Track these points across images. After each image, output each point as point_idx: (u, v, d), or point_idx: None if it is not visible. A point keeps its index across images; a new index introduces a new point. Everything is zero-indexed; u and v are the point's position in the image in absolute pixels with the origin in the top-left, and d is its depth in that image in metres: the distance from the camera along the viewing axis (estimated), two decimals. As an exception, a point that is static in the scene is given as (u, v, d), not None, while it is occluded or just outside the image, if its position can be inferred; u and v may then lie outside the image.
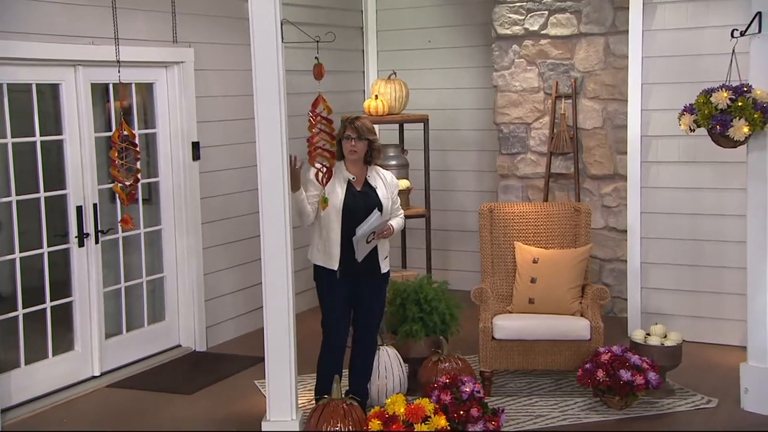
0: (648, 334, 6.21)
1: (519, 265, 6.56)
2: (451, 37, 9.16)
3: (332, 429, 5.01)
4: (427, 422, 5.07)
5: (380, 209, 5.53)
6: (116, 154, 5.25)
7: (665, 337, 6.17)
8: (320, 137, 5.10)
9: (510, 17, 8.32)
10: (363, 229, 5.39)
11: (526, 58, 8.33)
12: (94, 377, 6.65)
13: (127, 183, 5.28)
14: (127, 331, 7.00)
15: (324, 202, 5.33)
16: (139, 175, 5.38)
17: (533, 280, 6.42)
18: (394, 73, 7.87)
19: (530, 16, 8.25)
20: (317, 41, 4.98)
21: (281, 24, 4.86)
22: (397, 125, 8.15)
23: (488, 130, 8.90)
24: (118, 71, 5.31)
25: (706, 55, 7.05)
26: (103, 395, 6.43)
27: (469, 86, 9.11)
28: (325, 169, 5.17)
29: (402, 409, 5.08)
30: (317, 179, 5.24)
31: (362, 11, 9.43)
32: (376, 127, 9.12)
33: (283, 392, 5.08)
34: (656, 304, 7.43)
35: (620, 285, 7.93)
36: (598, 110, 8.03)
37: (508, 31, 8.35)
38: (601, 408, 5.90)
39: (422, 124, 7.69)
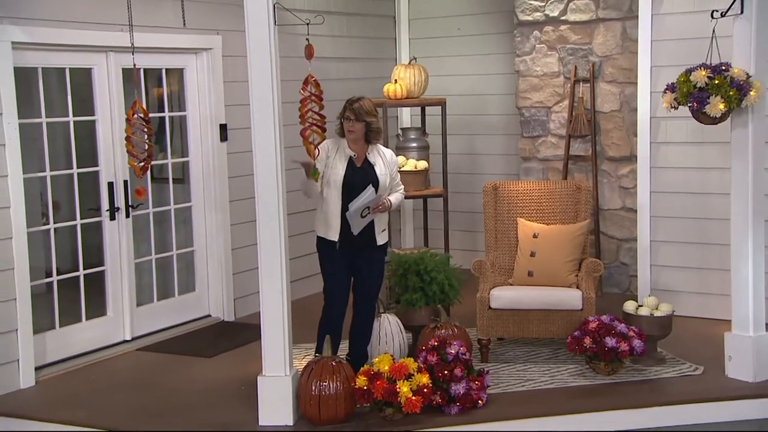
0: (640, 306, 6.45)
1: (520, 239, 6.86)
2: (480, 24, 9.47)
3: (321, 384, 5.40)
4: (410, 379, 5.43)
5: (376, 185, 5.90)
6: (131, 132, 5.73)
7: (657, 308, 6.40)
8: (310, 100, 5.47)
9: (531, 4, 8.59)
10: (356, 204, 5.77)
11: (546, 43, 8.59)
12: (125, 341, 7.17)
13: (141, 158, 5.75)
14: (159, 300, 7.52)
15: (314, 174, 5.72)
16: (152, 151, 5.83)
17: (533, 254, 6.72)
18: (415, 59, 8.23)
19: (550, 3, 8.50)
20: (308, 24, 5.38)
21: (274, 7, 5.25)
22: (420, 110, 8.51)
23: (514, 115, 9.17)
24: (132, 54, 5.82)
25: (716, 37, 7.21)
26: (132, 357, 6.96)
27: (497, 72, 9.40)
28: (317, 141, 5.56)
29: (387, 367, 5.45)
30: (306, 140, 5.59)
31: (395, 0, 9.79)
32: (396, 110, 9.57)
33: (277, 350, 5.47)
34: (665, 280, 7.64)
35: (637, 264, 8.13)
36: (616, 94, 8.27)
37: (530, 18, 8.62)
38: (590, 374, 6.18)
39: (441, 107, 8.02)
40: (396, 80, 7.98)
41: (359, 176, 5.92)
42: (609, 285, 8.43)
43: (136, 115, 5.74)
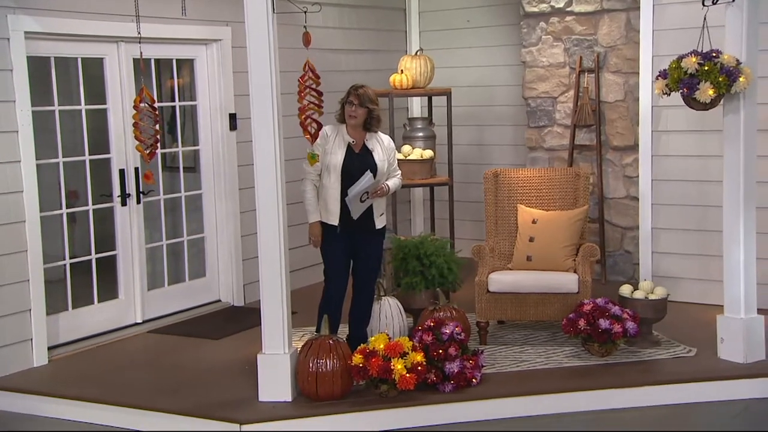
0: (636, 290, 6.57)
1: (520, 225, 7.01)
2: (487, 16, 9.61)
3: (319, 361, 5.58)
4: (404, 357, 5.60)
5: (374, 171, 6.06)
6: (138, 118, 5.93)
7: (652, 292, 6.52)
8: (309, 99, 5.65)
9: (537, -5, 8.74)
10: (355, 190, 5.95)
11: (552, 34, 8.71)
12: (136, 324, 7.39)
13: (148, 143, 5.94)
14: (170, 284, 7.73)
15: (313, 158, 5.90)
16: (159, 136, 6.02)
17: (531, 239, 6.86)
18: (421, 50, 8.39)
19: (556, -6, 8.65)
20: (305, 12, 5.55)
21: (273, -4, 5.44)
22: (427, 100, 8.67)
23: (521, 105, 9.29)
24: (139, 42, 6.02)
25: (713, 26, 7.27)
26: (142, 338, 7.18)
27: (504, 63, 9.54)
28: (314, 128, 5.73)
29: (382, 345, 5.62)
30: (305, 129, 5.77)
31: (405, -7, 9.98)
32: (406, 100, 9.74)
33: (277, 328, 5.65)
34: (666, 267, 7.75)
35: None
36: (620, 84, 8.38)
37: (536, 9, 8.75)
38: (584, 355, 6.31)
39: (446, 97, 8.19)
40: (402, 70, 8.15)
41: (358, 162, 6.09)
42: (613, 273, 8.54)
43: (143, 103, 5.93)
